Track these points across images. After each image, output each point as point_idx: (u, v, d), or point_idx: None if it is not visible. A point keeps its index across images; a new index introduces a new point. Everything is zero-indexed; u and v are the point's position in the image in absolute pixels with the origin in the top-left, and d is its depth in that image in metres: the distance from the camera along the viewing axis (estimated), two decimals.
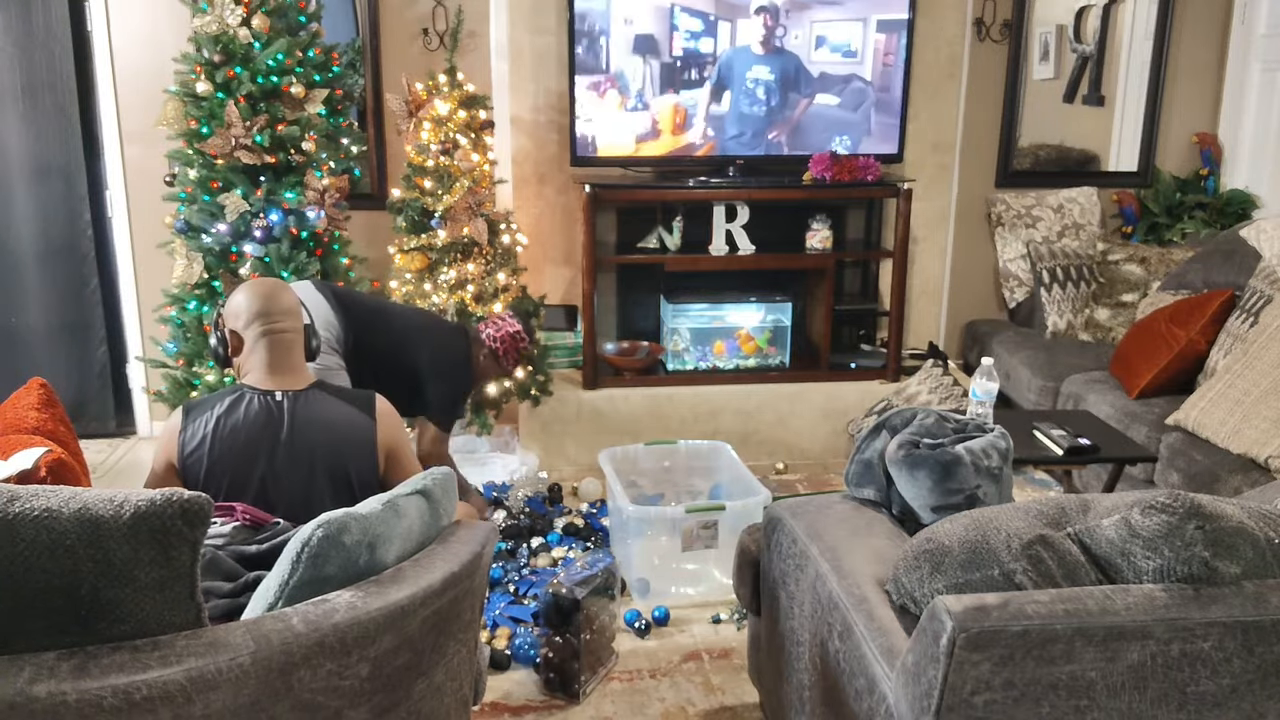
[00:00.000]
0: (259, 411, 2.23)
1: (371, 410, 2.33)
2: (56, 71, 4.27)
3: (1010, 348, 4.55)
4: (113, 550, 1.28)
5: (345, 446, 2.27)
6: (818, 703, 1.99)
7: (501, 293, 4.02)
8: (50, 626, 1.28)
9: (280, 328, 2.30)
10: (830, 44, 4.25)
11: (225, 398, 2.25)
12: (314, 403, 2.28)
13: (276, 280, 2.42)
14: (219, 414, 2.22)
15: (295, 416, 2.24)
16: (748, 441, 4.34)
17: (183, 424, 2.24)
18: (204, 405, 2.26)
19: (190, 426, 2.22)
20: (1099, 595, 1.50)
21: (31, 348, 4.50)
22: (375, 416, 2.33)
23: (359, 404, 2.34)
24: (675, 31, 4.16)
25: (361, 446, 2.29)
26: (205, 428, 2.21)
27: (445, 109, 3.93)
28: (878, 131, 4.38)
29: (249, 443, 2.20)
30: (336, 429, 2.27)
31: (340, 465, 2.26)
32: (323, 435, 2.25)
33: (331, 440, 2.25)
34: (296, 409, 2.25)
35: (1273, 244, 3.92)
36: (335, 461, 2.25)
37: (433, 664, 1.67)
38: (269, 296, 2.32)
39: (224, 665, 1.32)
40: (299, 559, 1.51)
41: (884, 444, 2.21)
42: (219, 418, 2.21)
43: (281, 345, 2.30)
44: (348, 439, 2.28)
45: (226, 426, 2.20)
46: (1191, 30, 5.01)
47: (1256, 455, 3.12)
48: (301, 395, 2.28)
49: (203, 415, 2.23)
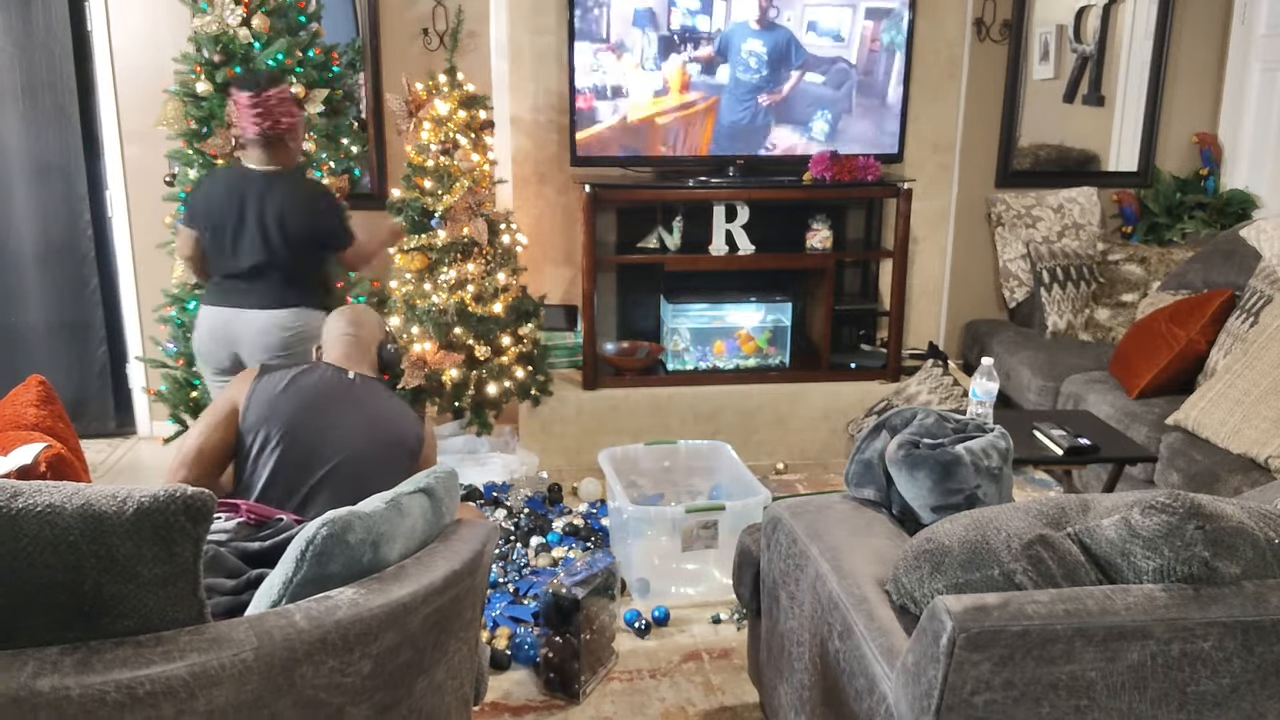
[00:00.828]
0: (335, 379, 2.48)
1: (421, 417, 2.68)
2: (56, 71, 4.27)
3: (1010, 348, 4.55)
4: (116, 546, 1.28)
5: (402, 431, 2.50)
6: (818, 703, 2.00)
7: (501, 293, 4.03)
8: (53, 622, 1.28)
9: (354, 332, 2.66)
10: (819, 28, 4.29)
11: (303, 366, 2.50)
12: (379, 390, 2.55)
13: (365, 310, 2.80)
14: (296, 374, 2.45)
15: (365, 392, 2.50)
16: (748, 441, 4.34)
17: (258, 375, 2.45)
18: (282, 366, 2.50)
19: (267, 377, 2.43)
20: (1099, 595, 1.50)
21: (31, 347, 4.50)
22: (424, 422, 2.63)
23: (413, 415, 2.60)
24: (674, 8, 4.20)
25: (412, 438, 2.52)
26: (283, 381, 2.41)
27: (445, 109, 3.93)
28: (859, 112, 4.38)
29: (324, 397, 2.42)
30: (398, 414, 2.53)
31: (392, 444, 2.46)
32: (386, 413, 2.49)
33: (393, 419, 2.49)
34: (368, 392, 2.51)
35: (1273, 244, 3.92)
36: (393, 439, 2.46)
37: (434, 662, 1.67)
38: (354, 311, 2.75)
39: (227, 661, 1.32)
40: (303, 557, 1.52)
41: (884, 444, 2.21)
42: (296, 376, 2.44)
43: (352, 343, 2.63)
44: (404, 427, 2.51)
45: (303, 382, 2.43)
46: (1191, 30, 5.01)
47: (1256, 455, 3.13)
48: (373, 382, 2.56)
49: (280, 372, 2.46)
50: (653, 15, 4.18)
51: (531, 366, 4.15)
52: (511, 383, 4.07)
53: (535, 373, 4.16)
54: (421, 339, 3.95)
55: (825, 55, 4.32)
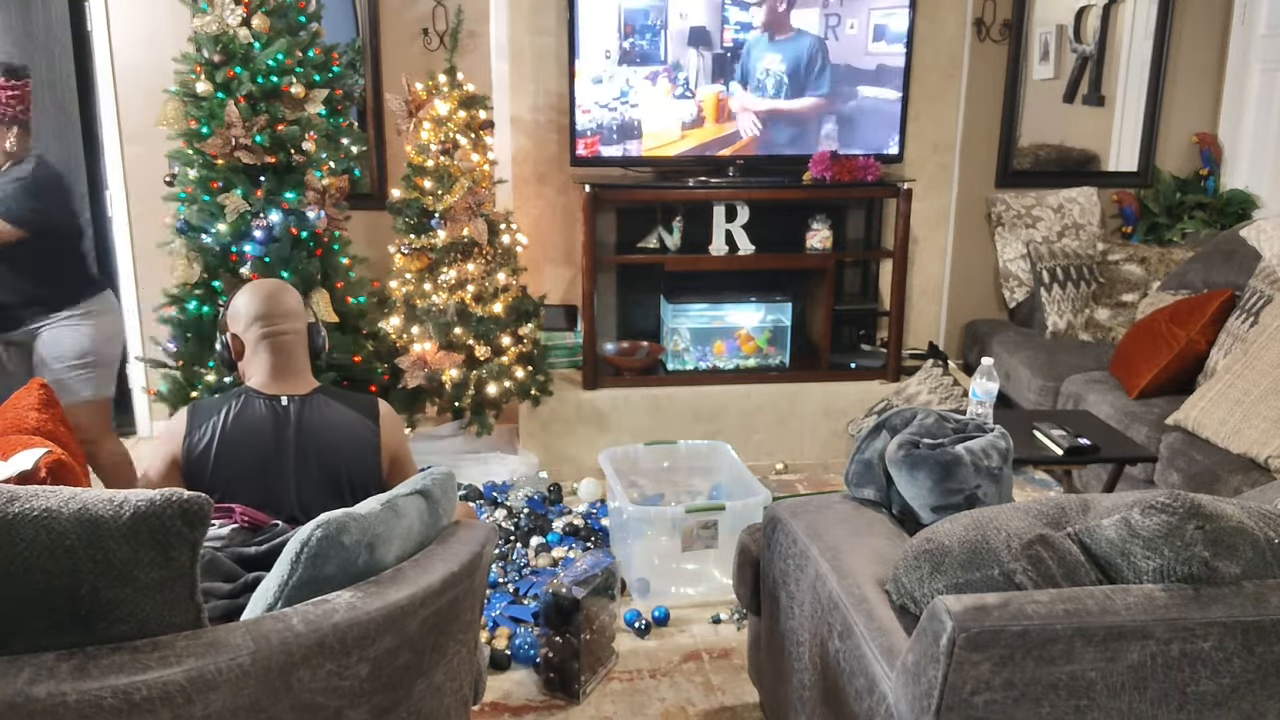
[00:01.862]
0: (265, 416, 2.23)
1: (375, 415, 2.33)
2: (56, 71, 4.27)
3: (1010, 348, 4.55)
4: (112, 551, 1.28)
5: (350, 451, 2.27)
6: (818, 703, 1.99)
7: (501, 293, 4.02)
8: (50, 627, 1.28)
9: (280, 329, 2.29)
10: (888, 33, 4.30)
11: (230, 401, 2.25)
12: (319, 408, 2.28)
13: (278, 281, 2.40)
14: (225, 417, 2.22)
15: (301, 421, 2.24)
16: (748, 441, 4.34)
17: (188, 426, 2.23)
18: (209, 408, 2.25)
19: (196, 430, 2.22)
20: (1099, 595, 1.50)
21: None
22: (379, 421, 2.33)
23: (362, 409, 2.34)
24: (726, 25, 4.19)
25: (365, 451, 2.29)
26: (213, 430, 2.20)
27: (445, 109, 3.93)
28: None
29: (256, 447, 2.20)
30: (341, 434, 2.27)
31: (345, 470, 2.26)
32: (328, 440, 2.25)
33: (337, 445, 2.26)
34: (303, 414, 2.25)
35: (1273, 244, 3.91)
36: (341, 466, 2.25)
37: (433, 664, 1.67)
38: (270, 298, 2.31)
39: (224, 665, 1.32)
40: (298, 559, 1.51)
41: (884, 444, 2.21)
42: (225, 421, 2.21)
43: (283, 349, 2.30)
44: (353, 444, 2.28)
45: (234, 430, 2.20)
46: (1191, 30, 5.01)
47: (1256, 455, 3.12)
48: (307, 400, 2.28)
49: (209, 418, 2.22)
50: (706, 34, 4.18)
51: (531, 366, 4.14)
52: (511, 383, 4.06)
53: (535, 373, 4.16)
54: (421, 339, 3.95)
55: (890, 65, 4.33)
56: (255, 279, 2.38)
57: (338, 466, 2.24)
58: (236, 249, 3.70)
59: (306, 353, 2.36)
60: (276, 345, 2.29)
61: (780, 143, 4.36)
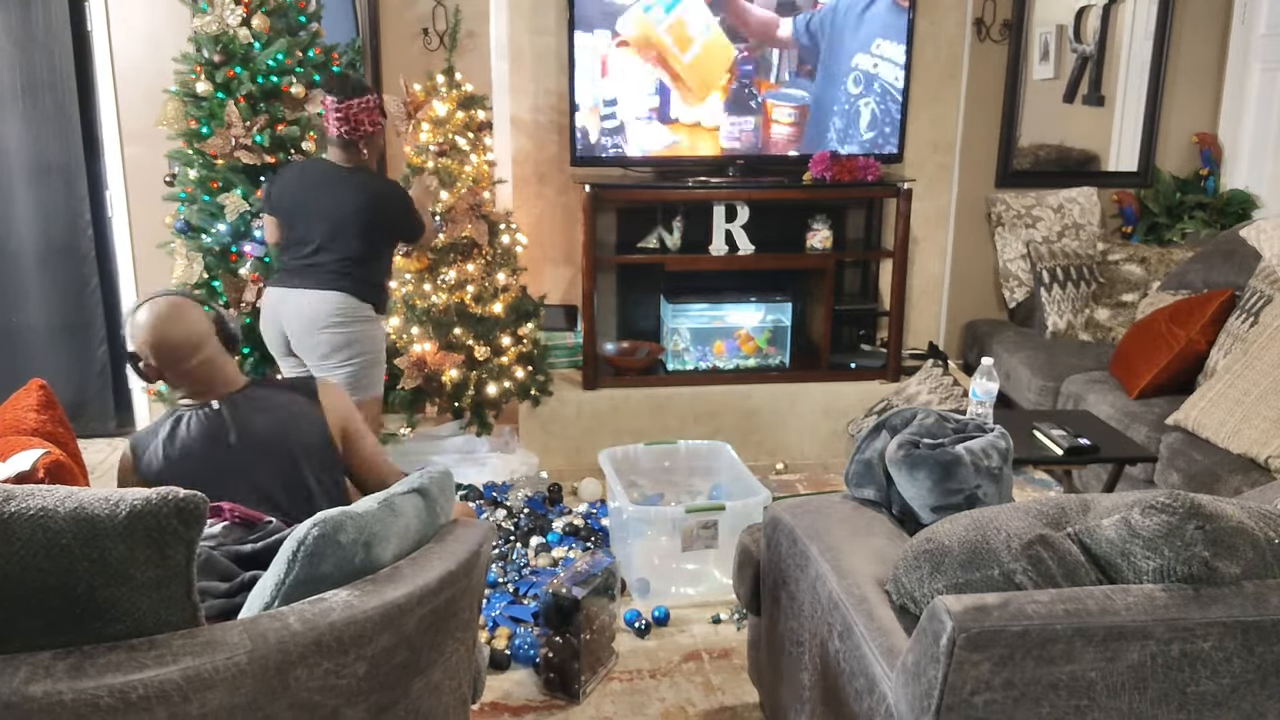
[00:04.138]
0: (201, 425, 2.19)
1: (312, 391, 2.29)
2: (56, 71, 4.27)
3: (1010, 348, 4.55)
4: (109, 550, 1.28)
5: (293, 430, 2.22)
6: (818, 703, 1.99)
7: (501, 292, 4.02)
8: (46, 626, 1.28)
9: (189, 366, 2.22)
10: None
11: (166, 423, 2.21)
12: (253, 401, 2.24)
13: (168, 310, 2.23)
14: (163, 440, 2.18)
15: (238, 419, 2.20)
16: (748, 441, 4.34)
17: (134, 461, 2.20)
18: (148, 436, 2.21)
19: (142, 461, 2.18)
20: (1099, 595, 1.49)
21: (31, 347, 4.50)
22: (317, 396, 2.28)
23: (300, 390, 2.30)
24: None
25: (308, 426, 2.24)
26: (156, 457, 2.17)
27: (444, 110, 3.92)
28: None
29: (201, 460, 2.16)
30: (279, 416, 2.23)
31: (294, 450, 2.21)
32: (267, 426, 2.21)
33: (277, 428, 2.21)
34: (237, 412, 2.21)
35: (1273, 244, 3.91)
36: (287, 448, 2.21)
37: (430, 663, 1.67)
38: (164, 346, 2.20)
39: (220, 664, 1.31)
40: (295, 558, 1.51)
41: (884, 444, 2.21)
42: (164, 444, 2.17)
43: (198, 378, 2.23)
44: (294, 422, 2.24)
45: (176, 451, 2.17)
46: (1191, 30, 5.00)
47: (1256, 455, 3.12)
48: (239, 396, 2.23)
49: (150, 445, 2.19)
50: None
51: (531, 366, 4.14)
52: (511, 383, 4.06)
53: (535, 373, 4.16)
54: (421, 339, 3.95)
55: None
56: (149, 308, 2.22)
57: (285, 449, 2.20)
58: (236, 249, 3.71)
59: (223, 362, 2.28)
60: (194, 376, 2.23)
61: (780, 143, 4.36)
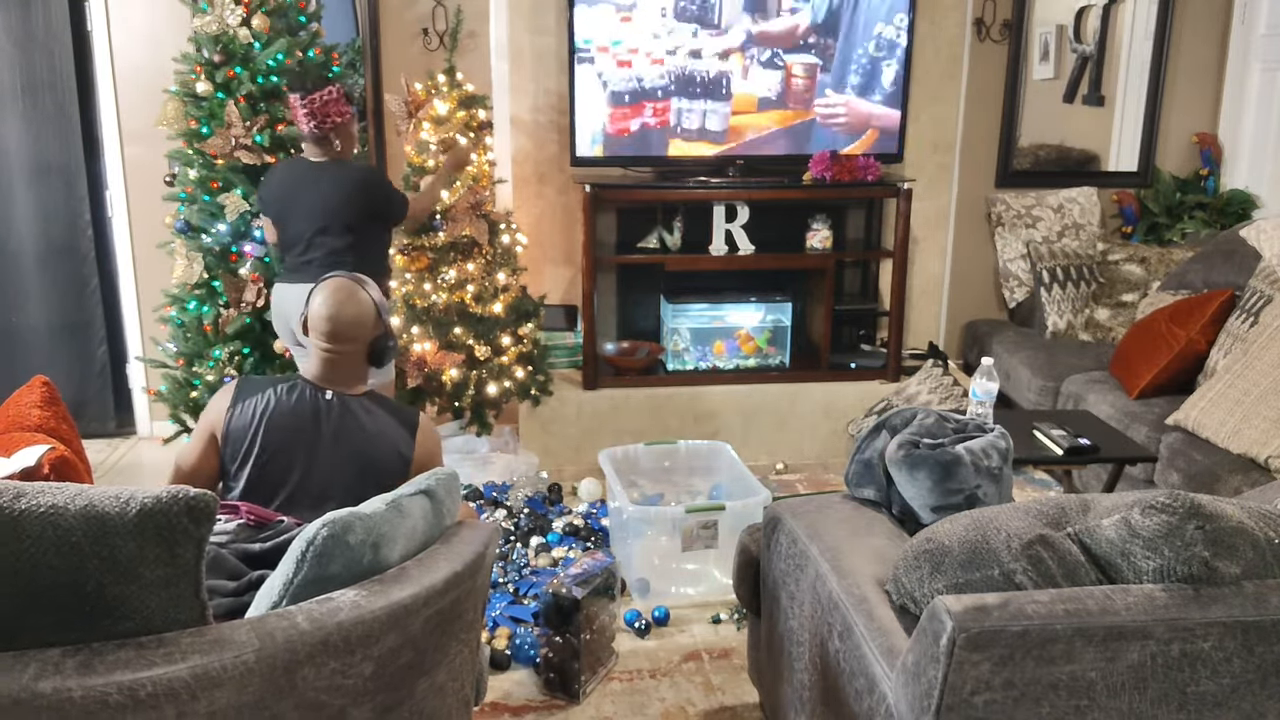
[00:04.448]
0: (310, 405, 2.30)
1: (413, 428, 2.37)
2: (56, 71, 4.27)
3: (1010, 348, 4.56)
4: (118, 547, 1.29)
5: (380, 455, 2.31)
6: (818, 703, 2.00)
7: (502, 292, 4.03)
8: (56, 623, 1.28)
9: (331, 350, 2.34)
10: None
11: (281, 384, 2.33)
12: (361, 411, 2.34)
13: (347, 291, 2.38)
14: (271, 398, 2.29)
15: (343, 419, 2.31)
16: (748, 441, 4.34)
17: (234, 398, 2.30)
18: (259, 385, 2.33)
19: (241, 403, 2.29)
20: (1099, 595, 1.50)
21: (32, 347, 4.50)
22: (415, 435, 2.37)
23: (402, 419, 2.38)
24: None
25: (395, 459, 2.33)
26: (256, 407, 2.27)
27: (444, 109, 3.93)
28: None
29: (296, 431, 2.27)
30: (376, 437, 2.32)
31: (373, 471, 2.29)
32: (363, 439, 2.31)
33: (369, 446, 2.31)
34: (344, 412, 2.32)
35: (1273, 244, 3.92)
36: (369, 467, 2.29)
37: (435, 663, 1.67)
38: (332, 319, 2.34)
39: (228, 663, 1.32)
40: (304, 558, 1.52)
41: (884, 444, 2.21)
42: (270, 401, 2.28)
43: (329, 364, 2.36)
44: (385, 449, 2.32)
45: (278, 411, 2.27)
46: (1191, 30, 5.01)
47: (1256, 455, 3.13)
48: (354, 400, 2.35)
49: (255, 395, 2.30)
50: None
51: (531, 366, 4.15)
52: (511, 383, 4.07)
53: (535, 373, 4.16)
54: (421, 339, 3.95)
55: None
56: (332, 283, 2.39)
57: (366, 467, 2.29)
58: (236, 249, 3.71)
59: (359, 364, 2.41)
60: (325, 359, 2.36)
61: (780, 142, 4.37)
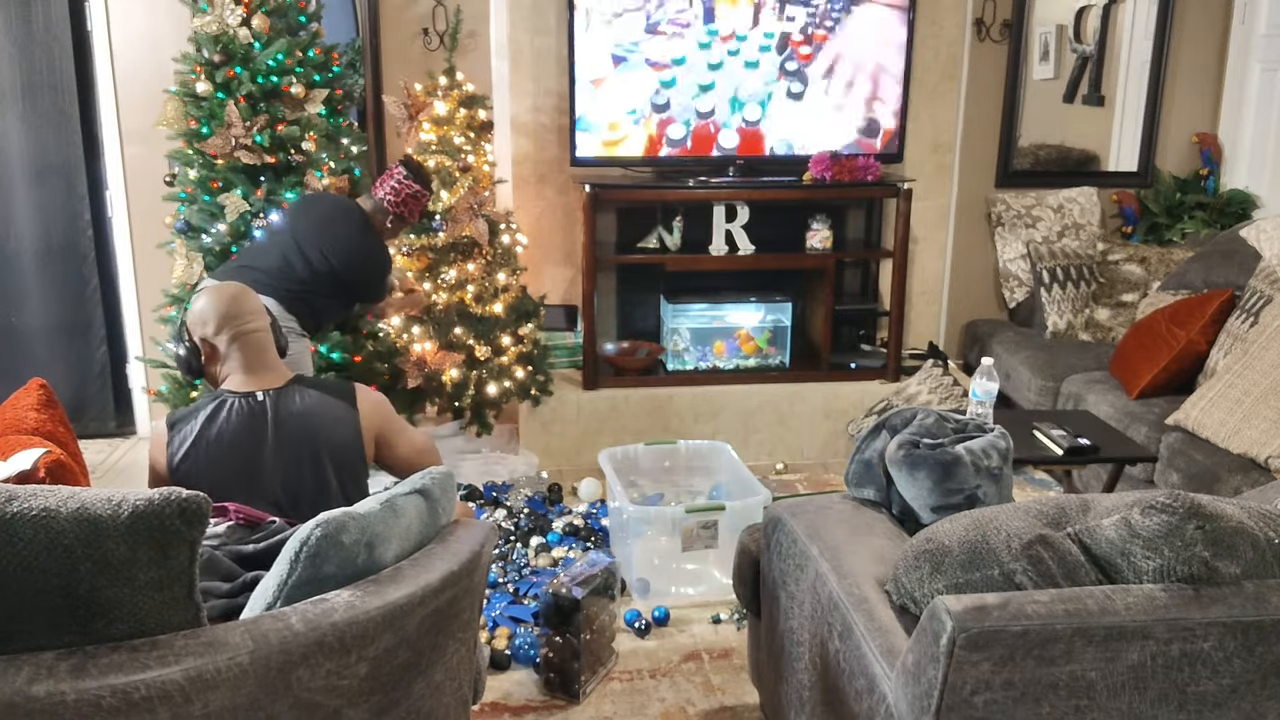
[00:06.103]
0: (243, 415, 2.25)
1: (352, 399, 2.36)
2: (56, 71, 4.27)
3: (1010, 348, 4.55)
4: (111, 550, 1.28)
5: (329, 435, 2.29)
6: (818, 703, 1.99)
7: (502, 292, 4.02)
8: (49, 626, 1.28)
9: (251, 328, 2.33)
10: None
11: (208, 405, 2.27)
12: (295, 398, 2.31)
13: (235, 284, 2.45)
14: (203, 422, 2.23)
15: (279, 414, 2.27)
16: (748, 441, 4.34)
17: (168, 436, 2.25)
18: (188, 415, 2.27)
19: (176, 438, 2.24)
20: (1099, 595, 1.50)
21: (31, 347, 4.50)
22: (356, 405, 2.35)
23: (339, 394, 2.37)
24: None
25: (345, 433, 2.31)
26: (191, 436, 2.23)
27: (444, 109, 3.93)
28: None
29: (236, 446, 2.22)
30: (321, 422, 2.30)
31: (327, 454, 2.28)
32: (306, 427, 2.28)
33: (315, 431, 2.28)
34: (279, 406, 2.28)
35: (1273, 244, 3.92)
36: (322, 451, 2.28)
37: (432, 663, 1.67)
38: (234, 300, 2.34)
39: (223, 665, 1.32)
40: (297, 558, 1.51)
41: (884, 444, 2.21)
42: (203, 425, 2.23)
43: (255, 345, 2.33)
44: (331, 428, 2.30)
45: (213, 434, 2.22)
46: (1191, 30, 5.01)
47: (1256, 455, 3.12)
48: (283, 392, 2.31)
49: (187, 425, 2.25)
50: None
51: (531, 366, 4.14)
52: (511, 383, 4.06)
53: (535, 373, 4.16)
54: (422, 339, 3.95)
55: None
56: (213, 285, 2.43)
57: (318, 452, 2.27)
58: (236, 249, 3.70)
59: (275, 348, 2.39)
60: (249, 342, 2.32)
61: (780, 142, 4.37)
